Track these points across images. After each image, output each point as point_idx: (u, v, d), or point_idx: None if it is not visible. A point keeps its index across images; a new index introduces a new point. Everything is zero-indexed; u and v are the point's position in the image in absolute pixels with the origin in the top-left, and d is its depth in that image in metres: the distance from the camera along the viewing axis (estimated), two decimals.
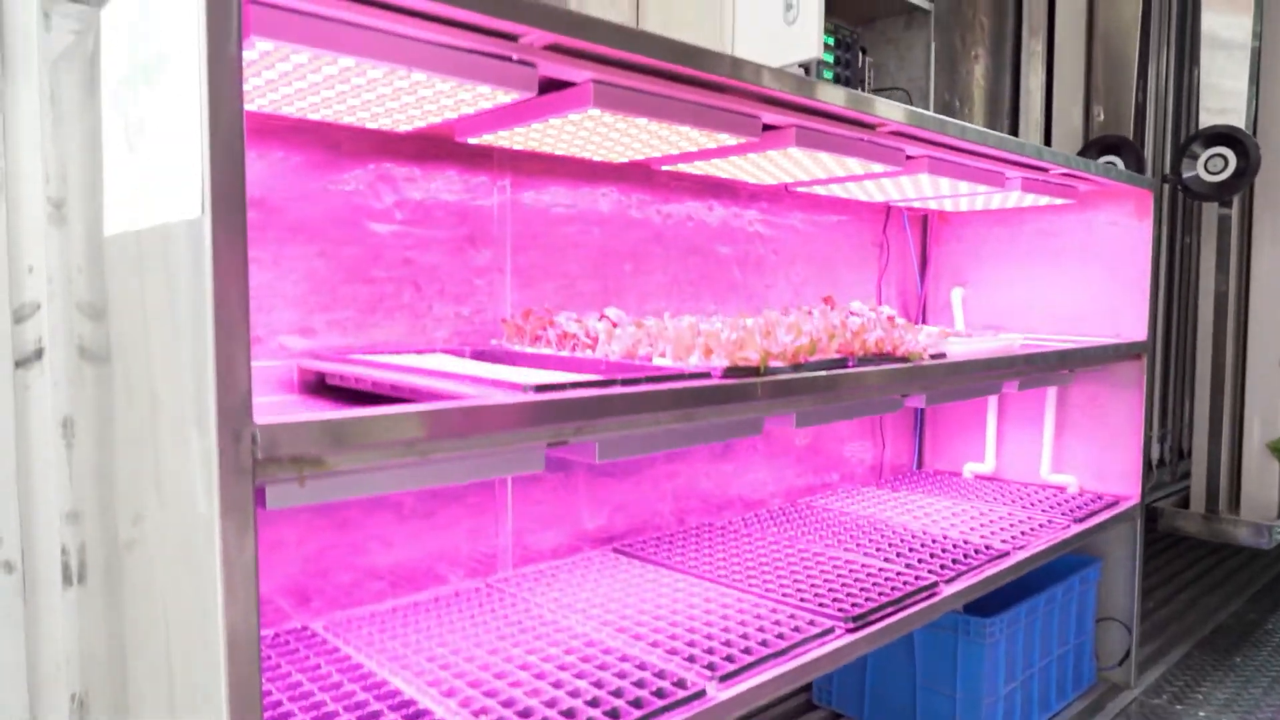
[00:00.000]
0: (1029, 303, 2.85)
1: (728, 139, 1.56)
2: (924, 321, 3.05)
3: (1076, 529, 2.36)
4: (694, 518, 2.35)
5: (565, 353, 1.63)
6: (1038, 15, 3.31)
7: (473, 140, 1.62)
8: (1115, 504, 2.61)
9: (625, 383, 1.22)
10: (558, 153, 1.81)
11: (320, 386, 1.59)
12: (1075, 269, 2.75)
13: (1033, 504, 2.58)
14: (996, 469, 2.94)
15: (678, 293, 2.24)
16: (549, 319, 1.76)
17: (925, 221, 3.04)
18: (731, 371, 1.35)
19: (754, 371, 1.39)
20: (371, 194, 1.67)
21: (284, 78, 1.19)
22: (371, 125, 1.53)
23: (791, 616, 1.66)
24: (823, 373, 1.49)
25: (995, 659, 2.27)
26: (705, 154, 1.75)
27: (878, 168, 1.90)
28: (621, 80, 1.32)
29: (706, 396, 1.29)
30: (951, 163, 2.01)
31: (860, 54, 2.52)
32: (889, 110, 1.65)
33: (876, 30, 2.77)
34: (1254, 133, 3.06)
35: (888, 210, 2.87)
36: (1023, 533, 2.28)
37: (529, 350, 1.70)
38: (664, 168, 1.98)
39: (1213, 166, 2.98)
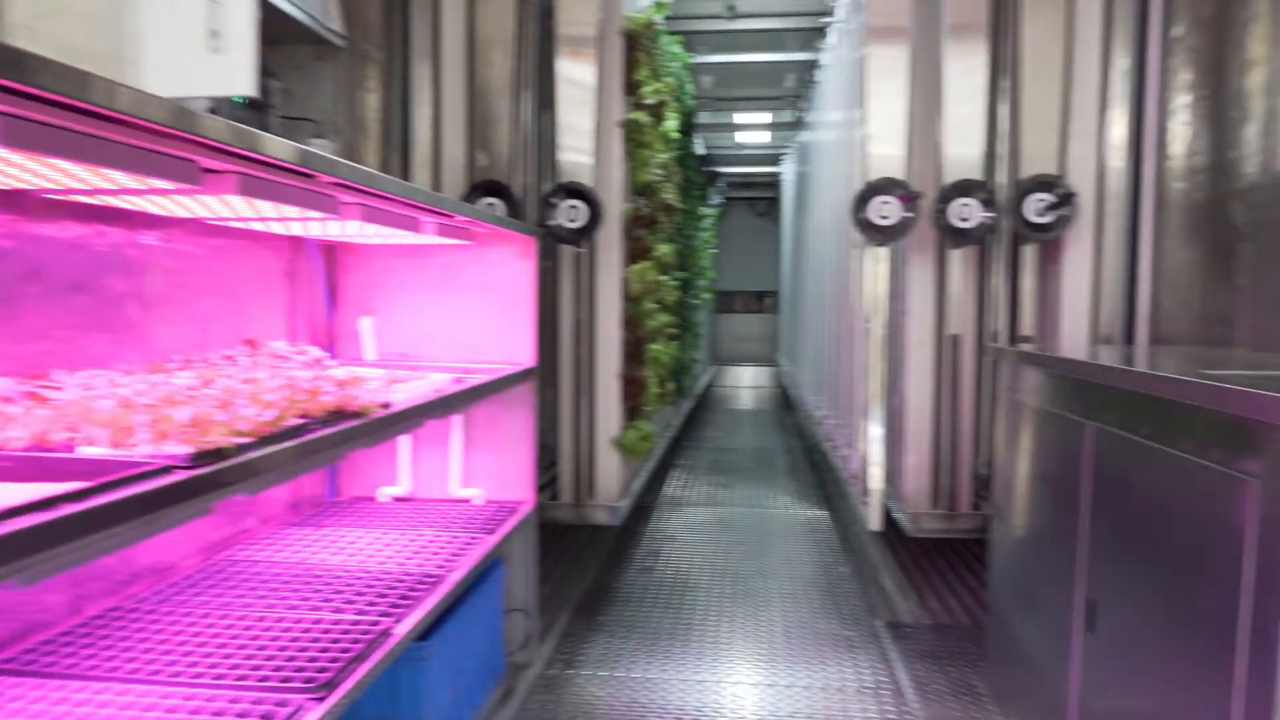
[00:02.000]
0: (434, 331, 3.05)
1: (163, 184, 1.37)
2: (333, 352, 3.04)
3: (492, 541, 2.63)
4: (95, 603, 1.98)
5: None
6: (422, 63, 3.54)
7: None
8: (515, 510, 2.97)
9: (78, 496, 1.00)
10: None
11: None
12: (476, 301, 3.04)
13: (450, 522, 2.79)
14: (411, 489, 3.09)
15: (63, 340, 1.86)
16: None
17: (332, 251, 3.02)
18: (200, 459, 1.20)
19: (220, 454, 1.25)
20: None
21: None
22: None
23: (257, 703, 1.54)
24: (291, 443, 1.42)
25: (433, 676, 2.40)
26: (128, 192, 1.50)
27: (315, 214, 1.85)
28: (28, 112, 1.07)
29: (175, 496, 1.13)
30: (385, 211, 2.06)
31: (269, 79, 2.40)
32: (334, 167, 1.63)
33: (285, 55, 2.66)
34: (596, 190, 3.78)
35: (295, 239, 2.78)
36: (451, 555, 2.45)
37: None
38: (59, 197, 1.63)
39: (570, 216, 3.58)
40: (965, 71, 3.58)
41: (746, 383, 15.64)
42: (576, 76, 3.81)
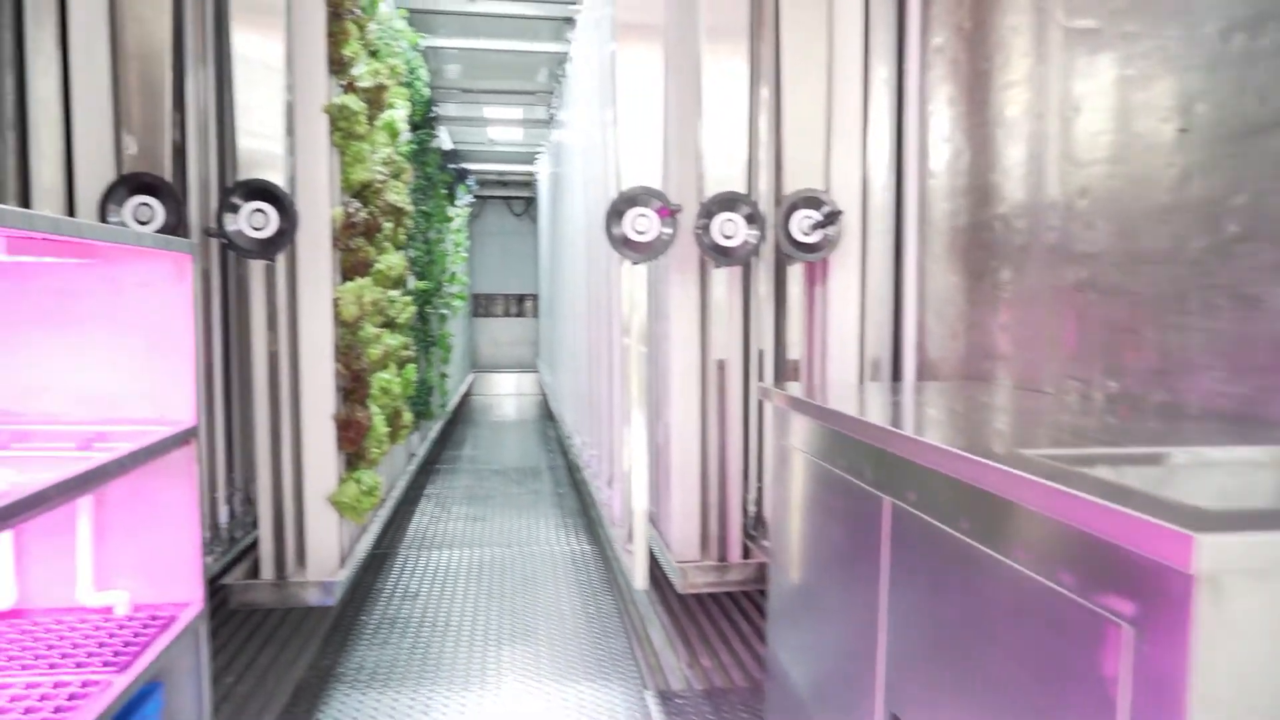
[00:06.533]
0: (48, 381, 2.22)
1: None
2: None
3: (126, 681, 1.89)
4: None
5: None
6: (46, 10, 2.65)
7: None
8: (173, 620, 2.22)
9: None
10: None
11: None
12: (106, 338, 2.24)
13: (71, 647, 2.00)
14: (19, 600, 2.24)
15: None
16: None
17: None
18: None
19: None
20: None
21: None
22: None
23: None
24: None
25: None
26: None
27: None
28: None
29: None
30: None
31: None
32: None
33: None
34: (293, 190, 3.03)
35: None
36: (57, 708, 1.69)
37: None
38: None
39: (255, 222, 2.83)
40: (725, 75, 3.23)
41: (508, 391, 15.05)
42: (256, 48, 3.01)
